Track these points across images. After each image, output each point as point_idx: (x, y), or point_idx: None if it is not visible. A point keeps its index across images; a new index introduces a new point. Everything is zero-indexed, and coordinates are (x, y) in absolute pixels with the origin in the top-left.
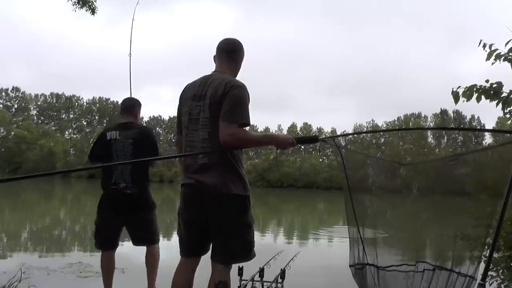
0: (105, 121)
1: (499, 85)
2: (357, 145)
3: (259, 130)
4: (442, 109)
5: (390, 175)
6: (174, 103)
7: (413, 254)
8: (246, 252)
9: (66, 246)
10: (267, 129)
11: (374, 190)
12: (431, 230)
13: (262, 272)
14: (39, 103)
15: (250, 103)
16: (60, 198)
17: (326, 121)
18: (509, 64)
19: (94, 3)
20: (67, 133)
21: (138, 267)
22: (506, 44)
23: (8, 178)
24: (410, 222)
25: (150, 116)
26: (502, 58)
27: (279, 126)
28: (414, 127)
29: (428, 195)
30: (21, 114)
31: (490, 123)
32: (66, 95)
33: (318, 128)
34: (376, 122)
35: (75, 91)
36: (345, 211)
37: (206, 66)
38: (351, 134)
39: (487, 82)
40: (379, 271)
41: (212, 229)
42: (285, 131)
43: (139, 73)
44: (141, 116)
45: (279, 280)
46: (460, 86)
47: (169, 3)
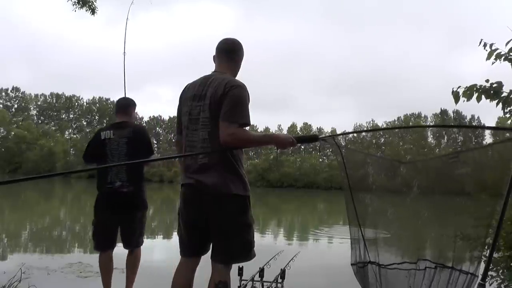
0: (105, 121)
1: (499, 85)
2: (357, 145)
3: (259, 130)
4: (442, 109)
5: (390, 175)
6: (174, 103)
7: (414, 253)
8: (246, 252)
9: (66, 246)
10: (267, 129)
11: (374, 189)
12: (432, 230)
13: (262, 272)
14: (39, 103)
15: (250, 103)
16: (60, 198)
17: (326, 121)
18: (509, 63)
19: (94, 3)
20: (67, 133)
21: None
22: (507, 44)
23: (8, 180)
24: (410, 222)
25: (150, 116)
26: (503, 58)
27: (279, 126)
28: (414, 125)
29: (428, 195)
30: (21, 114)
31: (490, 123)
32: (66, 95)
33: (318, 128)
34: (376, 122)
35: (75, 91)
36: (346, 210)
37: (206, 66)
38: (351, 132)
39: (487, 82)
40: (381, 269)
41: (212, 229)
42: (285, 131)
43: (139, 73)
44: (141, 116)
45: (279, 280)
46: (460, 86)
47: (169, 3)
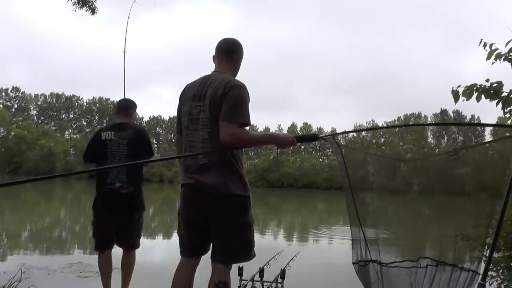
0: (105, 121)
1: (499, 84)
2: (357, 145)
3: (259, 130)
4: (442, 109)
5: (391, 174)
6: (174, 103)
7: (415, 251)
8: (246, 252)
9: (66, 246)
10: (267, 129)
11: (374, 188)
12: (432, 229)
13: (262, 272)
14: (39, 103)
15: (250, 103)
16: (60, 198)
17: (326, 121)
18: (509, 64)
19: (94, 3)
20: (67, 133)
21: (137, 267)
22: (507, 44)
23: (8, 183)
24: (411, 221)
25: (150, 116)
26: (503, 58)
27: (279, 126)
28: (414, 124)
29: (428, 195)
30: (21, 114)
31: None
32: (66, 95)
33: (318, 128)
34: (376, 122)
35: (75, 91)
36: (346, 209)
37: (206, 66)
38: (351, 131)
39: (487, 81)
40: (382, 268)
41: (212, 229)
42: (285, 131)
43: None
44: (141, 116)
45: (279, 280)
46: (460, 85)
47: (169, 4)
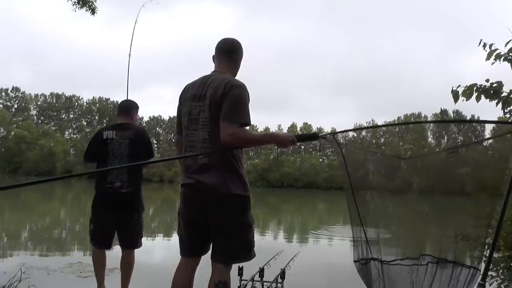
0: (105, 121)
1: (499, 84)
2: (357, 145)
3: (259, 130)
4: (442, 109)
5: (391, 173)
6: (174, 103)
7: (416, 249)
8: (246, 252)
9: (66, 246)
10: (267, 129)
11: (375, 187)
12: (433, 229)
13: (262, 272)
14: (39, 103)
15: (250, 103)
16: (60, 198)
17: (326, 121)
18: (509, 64)
19: (94, 3)
20: (67, 133)
21: (137, 267)
22: (506, 44)
23: (9, 186)
24: (411, 221)
25: (150, 116)
26: (502, 58)
27: (279, 126)
28: (414, 121)
29: (428, 194)
30: (21, 114)
31: (490, 123)
32: (66, 95)
33: (318, 128)
34: (376, 122)
35: (75, 91)
36: (347, 208)
37: (206, 66)
38: (351, 130)
39: (487, 81)
40: (383, 266)
41: (212, 229)
42: (285, 131)
43: (140, 73)
44: (141, 116)
45: (279, 280)
46: (460, 85)
47: (170, 4)
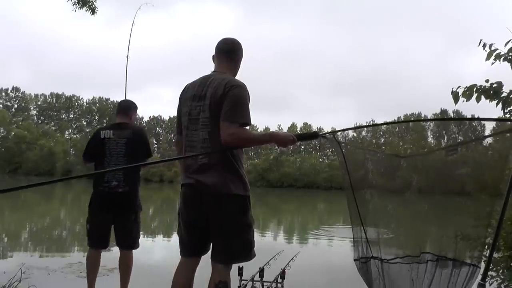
0: (105, 121)
1: (499, 85)
2: (357, 144)
3: (259, 130)
4: (442, 109)
5: (391, 172)
6: (174, 103)
7: (416, 247)
8: (246, 252)
9: (66, 246)
10: (267, 129)
11: (375, 187)
12: (433, 229)
13: (262, 272)
14: (39, 103)
15: (250, 103)
16: (60, 198)
17: (326, 121)
18: (509, 64)
19: (94, 3)
20: (67, 133)
21: (137, 267)
22: (506, 44)
23: (9, 189)
24: (411, 221)
25: (150, 116)
26: (502, 58)
27: (279, 126)
28: (415, 119)
29: (428, 194)
30: (21, 114)
31: (490, 123)
32: (66, 95)
33: (318, 128)
34: (376, 122)
35: (75, 91)
36: (347, 206)
37: (206, 66)
38: (351, 128)
39: (487, 82)
40: (383, 264)
41: (212, 229)
42: (285, 131)
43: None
44: (141, 116)
45: (279, 280)
46: (460, 86)
47: (170, 4)
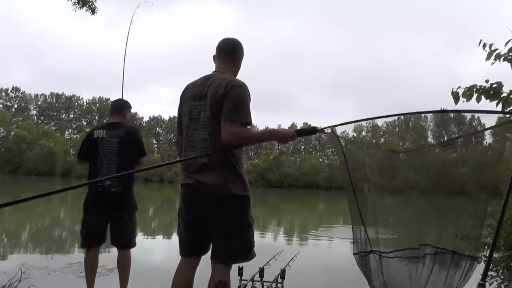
0: (105, 121)
1: (499, 85)
2: (357, 145)
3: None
4: (442, 109)
5: (391, 171)
6: (174, 103)
7: (415, 240)
8: (246, 252)
9: (66, 246)
10: (267, 128)
11: (374, 184)
12: (433, 228)
13: (262, 272)
14: (39, 103)
15: (251, 102)
16: (60, 198)
17: (326, 121)
18: (509, 64)
19: (94, 3)
20: (67, 133)
21: (137, 267)
22: (506, 44)
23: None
24: (411, 219)
25: (150, 116)
26: (502, 58)
27: (279, 126)
28: (416, 112)
29: (428, 194)
30: (21, 114)
31: (490, 124)
32: (66, 95)
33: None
34: (376, 122)
35: (75, 91)
36: (347, 205)
37: (207, 65)
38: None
39: (487, 82)
40: (382, 258)
41: (212, 229)
42: None
43: (140, 73)
44: (141, 116)
45: (279, 280)
46: (460, 87)
47: (170, 4)
